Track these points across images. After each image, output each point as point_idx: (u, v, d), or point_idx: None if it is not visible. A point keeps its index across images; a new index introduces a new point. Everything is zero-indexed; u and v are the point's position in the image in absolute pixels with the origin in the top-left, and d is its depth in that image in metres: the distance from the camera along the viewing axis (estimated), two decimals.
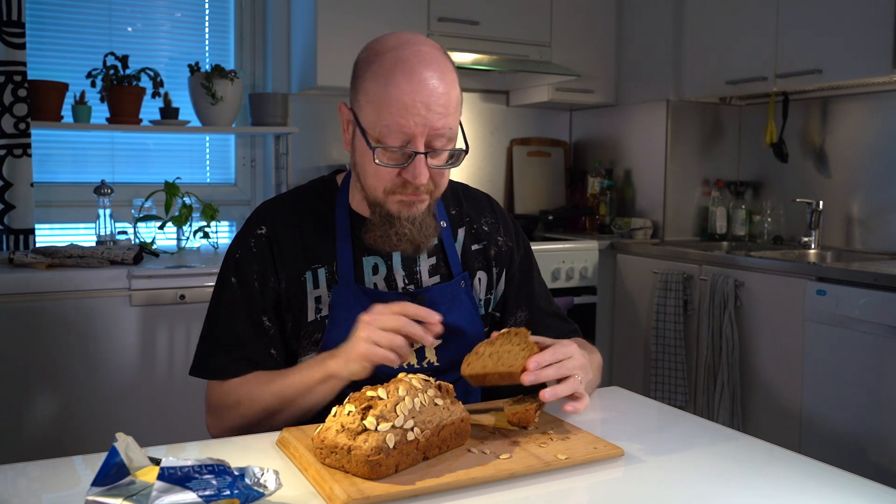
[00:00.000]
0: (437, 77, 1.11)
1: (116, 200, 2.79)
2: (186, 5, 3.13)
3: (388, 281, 1.26)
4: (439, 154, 1.15)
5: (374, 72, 1.12)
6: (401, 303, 1.09)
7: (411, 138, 1.11)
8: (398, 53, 1.12)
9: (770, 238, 3.38)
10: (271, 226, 1.26)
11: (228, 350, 1.22)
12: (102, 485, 0.79)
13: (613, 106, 3.67)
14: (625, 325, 3.33)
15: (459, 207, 1.36)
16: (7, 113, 2.55)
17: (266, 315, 1.23)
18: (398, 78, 1.10)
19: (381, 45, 1.15)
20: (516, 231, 1.42)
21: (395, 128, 1.10)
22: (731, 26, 3.13)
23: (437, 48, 1.16)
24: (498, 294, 1.36)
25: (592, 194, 3.67)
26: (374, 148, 1.12)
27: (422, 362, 1.26)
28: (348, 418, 0.94)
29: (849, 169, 3.09)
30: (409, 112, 1.09)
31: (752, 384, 2.76)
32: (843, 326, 2.42)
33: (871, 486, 0.96)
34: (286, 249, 1.24)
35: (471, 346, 1.27)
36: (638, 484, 0.96)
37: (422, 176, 1.13)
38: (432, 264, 1.29)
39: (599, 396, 1.32)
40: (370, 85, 1.13)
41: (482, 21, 3.22)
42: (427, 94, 1.10)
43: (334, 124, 3.33)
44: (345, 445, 0.92)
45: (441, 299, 1.26)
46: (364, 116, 1.14)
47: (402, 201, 1.17)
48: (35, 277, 2.21)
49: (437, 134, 1.12)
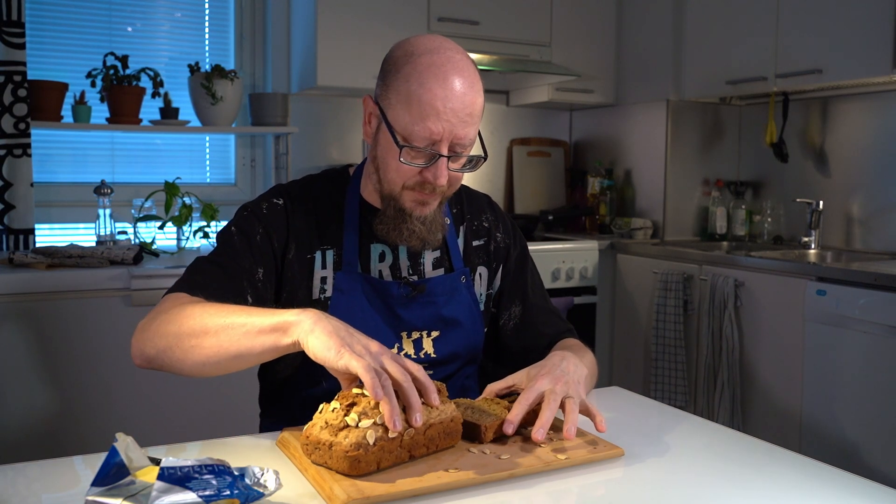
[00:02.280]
0: (468, 86, 1.15)
1: (116, 200, 2.79)
2: (186, 5, 3.13)
3: (394, 269, 1.29)
4: (459, 158, 1.19)
5: (408, 73, 1.15)
6: (415, 365, 0.99)
7: (437, 141, 1.15)
8: (432, 58, 1.15)
9: (770, 238, 3.38)
10: (290, 199, 1.29)
11: (201, 274, 1.19)
12: (102, 485, 0.79)
13: (613, 106, 3.67)
14: (625, 325, 3.33)
15: (461, 206, 1.40)
16: (7, 113, 2.55)
17: (260, 268, 1.22)
18: (431, 82, 1.13)
19: (414, 46, 1.18)
20: (514, 229, 1.46)
21: (424, 130, 1.14)
22: (731, 26, 3.13)
23: (467, 56, 1.20)
24: (494, 289, 1.40)
25: (592, 194, 3.67)
26: (402, 147, 1.15)
27: (419, 353, 1.28)
28: (332, 415, 0.95)
29: (849, 169, 3.09)
30: (438, 117, 1.13)
31: (752, 384, 2.76)
32: (843, 326, 2.42)
33: (870, 486, 0.96)
34: (300, 225, 1.27)
35: (469, 338, 1.31)
36: (638, 484, 0.96)
37: (442, 178, 1.17)
38: (436, 257, 1.32)
39: (599, 396, 1.32)
40: (402, 84, 1.15)
41: (482, 21, 3.22)
42: (457, 101, 1.14)
43: (334, 124, 3.33)
44: (327, 441, 0.92)
45: (440, 290, 1.29)
46: (393, 114, 1.17)
47: (416, 200, 1.21)
48: (35, 277, 2.21)
49: (460, 140, 1.16)
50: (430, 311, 1.28)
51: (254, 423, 1.41)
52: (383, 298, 1.26)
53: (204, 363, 1.04)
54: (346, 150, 3.37)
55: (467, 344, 1.31)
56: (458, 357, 1.31)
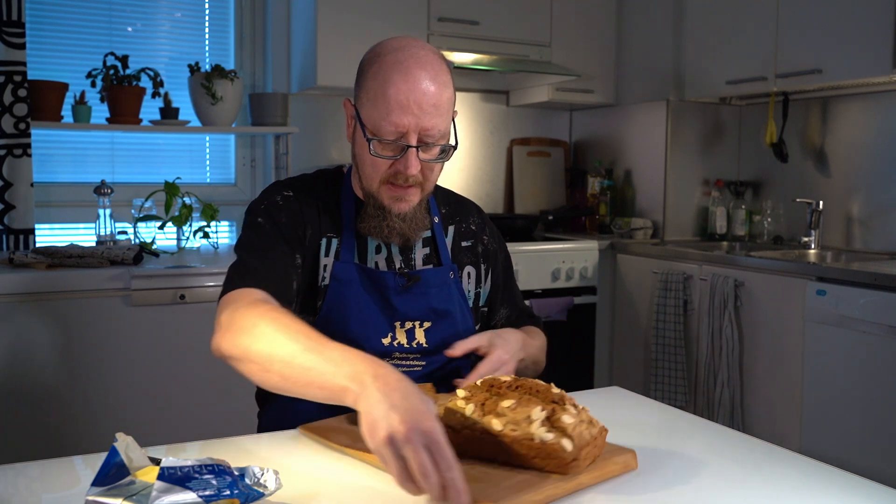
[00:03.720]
0: (430, 78, 1.21)
1: (116, 200, 2.79)
2: (186, 5, 3.13)
3: (388, 262, 1.34)
4: (430, 149, 1.24)
5: (375, 72, 1.22)
6: (453, 460, 0.84)
7: (405, 133, 1.21)
8: (397, 56, 1.22)
9: (770, 238, 3.38)
10: (296, 191, 1.34)
11: (258, 268, 1.21)
12: (102, 485, 0.80)
13: (613, 106, 3.67)
14: (625, 325, 3.33)
15: (449, 208, 1.46)
16: (7, 113, 2.55)
17: (298, 253, 1.28)
18: (395, 77, 1.20)
19: (382, 47, 1.25)
20: (498, 235, 1.53)
21: (391, 123, 1.20)
22: (731, 26, 3.13)
23: (434, 52, 1.26)
24: (486, 291, 1.45)
25: (592, 194, 3.67)
26: (371, 140, 1.22)
27: (411, 342, 1.32)
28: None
29: (849, 169, 3.09)
30: (403, 109, 1.19)
31: (752, 384, 2.76)
32: (843, 326, 2.42)
33: (871, 486, 0.96)
34: (310, 212, 1.32)
35: (459, 329, 1.35)
36: (638, 484, 0.96)
37: (413, 167, 1.22)
38: (426, 254, 1.38)
39: (600, 396, 1.32)
40: (370, 83, 1.23)
41: (482, 21, 3.22)
42: (420, 93, 1.20)
43: (334, 124, 3.33)
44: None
45: (433, 282, 1.35)
46: (364, 112, 1.24)
47: (393, 195, 1.26)
48: (35, 277, 2.21)
49: (427, 131, 1.21)
50: (422, 303, 1.32)
51: (254, 423, 1.41)
52: (379, 288, 1.30)
53: (273, 389, 1.05)
54: (346, 150, 3.37)
55: (457, 335, 1.33)
56: (448, 347, 1.33)
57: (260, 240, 1.27)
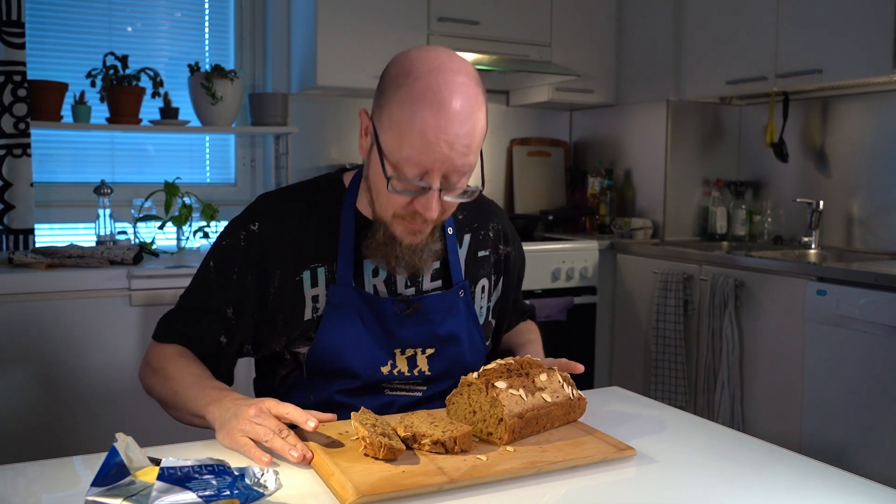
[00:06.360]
0: (465, 114, 1.07)
1: (116, 200, 2.79)
2: (186, 5, 3.13)
3: (388, 283, 1.25)
4: (453, 189, 1.12)
5: (402, 97, 1.07)
6: (285, 407, 1.03)
7: (428, 172, 1.09)
8: (429, 80, 1.07)
9: (770, 238, 3.38)
10: (267, 223, 1.25)
11: (179, 319, 1.28)
12: (102, 485, 0.80)
13: (613, 106, 3.67)
14: (625, 325, 3.33)
15: (466, 213, 1.35)
16: (7, 113, 2.55)
17: (230, 307, 1.24)
18: (425, 111, 1.05)
19: (413, 65, 1.09)
20: (518, 241, 1.45)
21: (415, 161, 1.07)
22: (731, 26, 3.13)
23: (471, 76, 1.10)
24: (495, 298, 1.38)
25: (592, 194, 3.67)
26: (390, 178, 1.10)
27: (413, 370, 1.25)
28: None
29: (849, 169, 3.09)
30: (430, 149, 1.06)
31: (752, 384, 2.76)
32: (844, 326, 2.41)
33: (870, 486, 0.96)
34: (282, 251, 1.23)
35: (465, 355, 1.28)
36: (637, 483, 0.96)
37: (432, 211, 1.11)
38: (435, 268, 1.28)
39: (600, 396, 1.32)
40: (395, 110, 1.08)
41: (482, 21, 3.22)
42: (452, 132, 1.06)
43: (334, 124, 3.33)
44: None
45: (436, 308, 1.25)
46: (384, 139, 1.11)
47: (408, 229, 1.16)
48: (35, 277, 2.21)
49: (454, 171, 1.10)
50: (425, 329, 1.24)
51: None
52: (377, 315, 1.22)
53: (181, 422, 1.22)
54: (346, 151, 3.37)
55: (464, 360, 1.27)
56: (452, 374, 1.26)
57: (200, 296, 1.27)
